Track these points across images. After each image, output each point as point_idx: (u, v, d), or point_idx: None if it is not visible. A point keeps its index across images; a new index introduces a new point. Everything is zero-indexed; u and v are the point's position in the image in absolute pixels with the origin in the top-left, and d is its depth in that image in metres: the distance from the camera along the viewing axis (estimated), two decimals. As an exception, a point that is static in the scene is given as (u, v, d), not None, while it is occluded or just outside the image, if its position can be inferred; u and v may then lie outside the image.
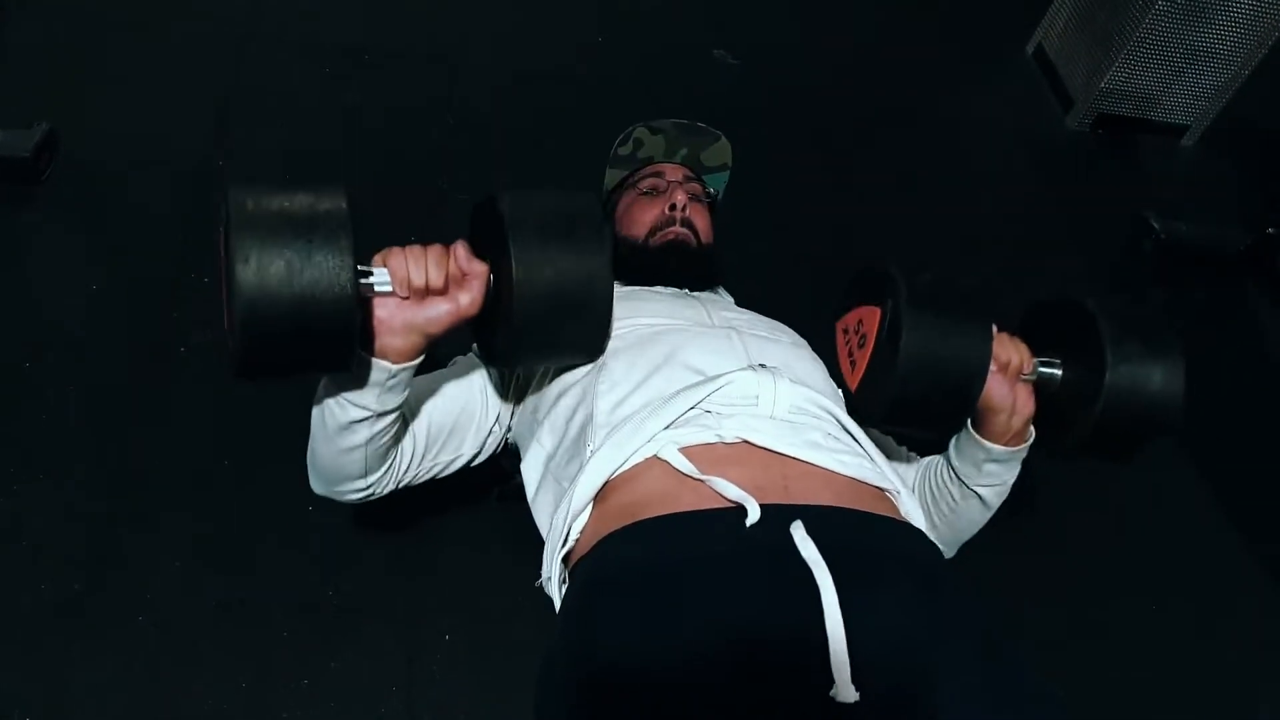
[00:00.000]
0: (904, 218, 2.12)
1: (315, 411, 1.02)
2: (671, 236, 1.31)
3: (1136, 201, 2.35)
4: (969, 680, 0.72)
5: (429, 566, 1.46)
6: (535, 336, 0.99)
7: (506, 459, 1.46)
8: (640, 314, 1.13)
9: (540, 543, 1.07)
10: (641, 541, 0.84)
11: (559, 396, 1.08)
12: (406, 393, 1.01)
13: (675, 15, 2.57)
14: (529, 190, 1.00)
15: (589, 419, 1.00)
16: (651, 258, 1.27)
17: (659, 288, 1.28)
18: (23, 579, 1.35)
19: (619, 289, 1.20)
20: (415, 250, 0.94)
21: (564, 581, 0.96)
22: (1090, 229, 2.30)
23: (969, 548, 1.28)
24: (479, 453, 1.17)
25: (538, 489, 1.06)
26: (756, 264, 1.81)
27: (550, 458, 1.05)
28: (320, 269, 0.83)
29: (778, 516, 0.81)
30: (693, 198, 1.37)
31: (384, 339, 0.94)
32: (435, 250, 0.95)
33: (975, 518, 1.20)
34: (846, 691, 0.69)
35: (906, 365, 0.99)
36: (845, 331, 1.15)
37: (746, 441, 0.93)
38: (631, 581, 0.81)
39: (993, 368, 1.04)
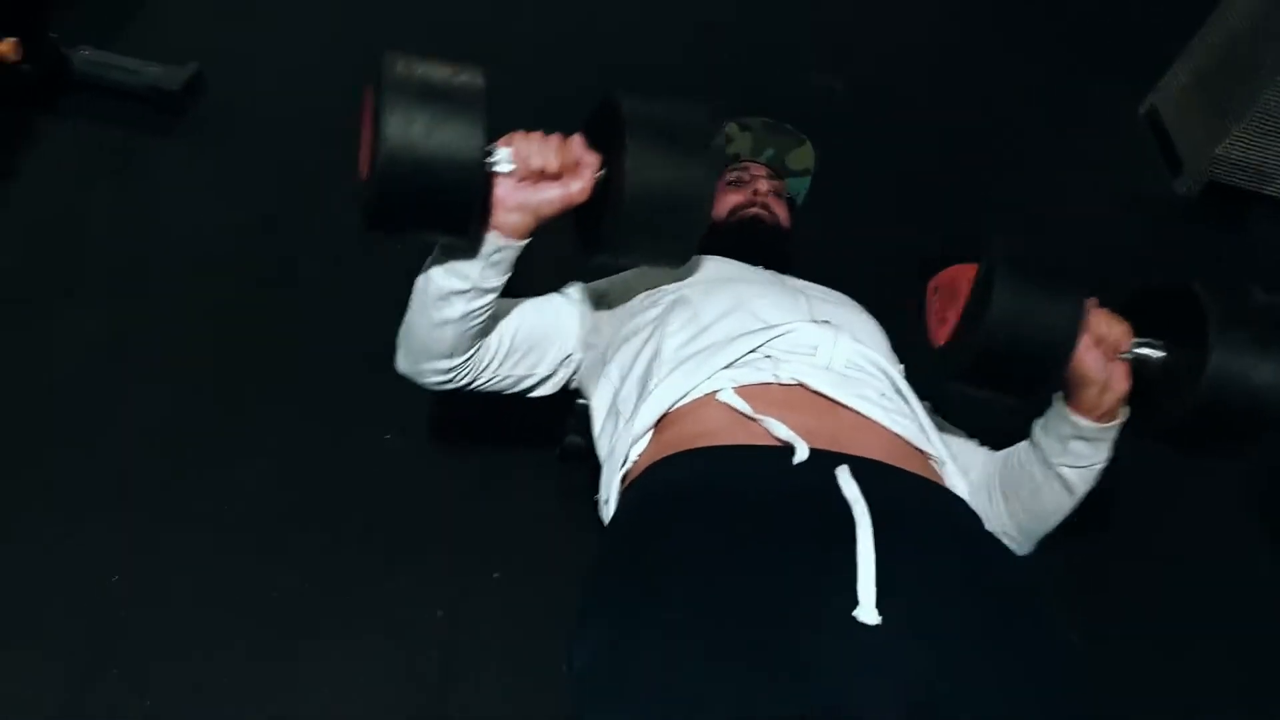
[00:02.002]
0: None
1: (419, 281, 1.10)
2: (751, 214, 1.39)
3: (1241, 273, 2.31)
4: (989, 632, 0.74)
5: (486, 511, 1.53)
6: (637, 229, 1.04)
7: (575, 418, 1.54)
8: (715, 269, 1.19)
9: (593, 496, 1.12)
10: (690, 466, 0.89)
11: (630, 336, 1.13)
12: (505, 277, 1.09)
13: (775, 35, 2.63)
14: (646, 95, 1.06)
15: (656, 356, 1.06)
16: (730, 232, 1.33)
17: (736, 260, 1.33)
18: (125, 463, 1.48)
19: (696, 256, 1.25)
20: (537, 136, 1.02)
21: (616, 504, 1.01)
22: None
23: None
24: (551, 376, 1.23)
25: (603, 421, 1.11)
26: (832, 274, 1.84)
27: (616, 392, 1.10)
28: (456, 133, 0.92)
29: (825, 460, 0.85)
30: (774, 192, 1.45)
31: (499, 215, 1.02)
32: (554, 138, 1.02)
33: (1058, 503, 1.15)
34: (869, 614, 0.72)
35: (994, 317, 0.98)
36: (937, 290, 1.15)
37: (802, 385, 0.97)
38: (676, 496, 0.86)
39: (1088, 340, 1.03)
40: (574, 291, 1.27)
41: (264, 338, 1.66)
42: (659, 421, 0.98)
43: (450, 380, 1.17)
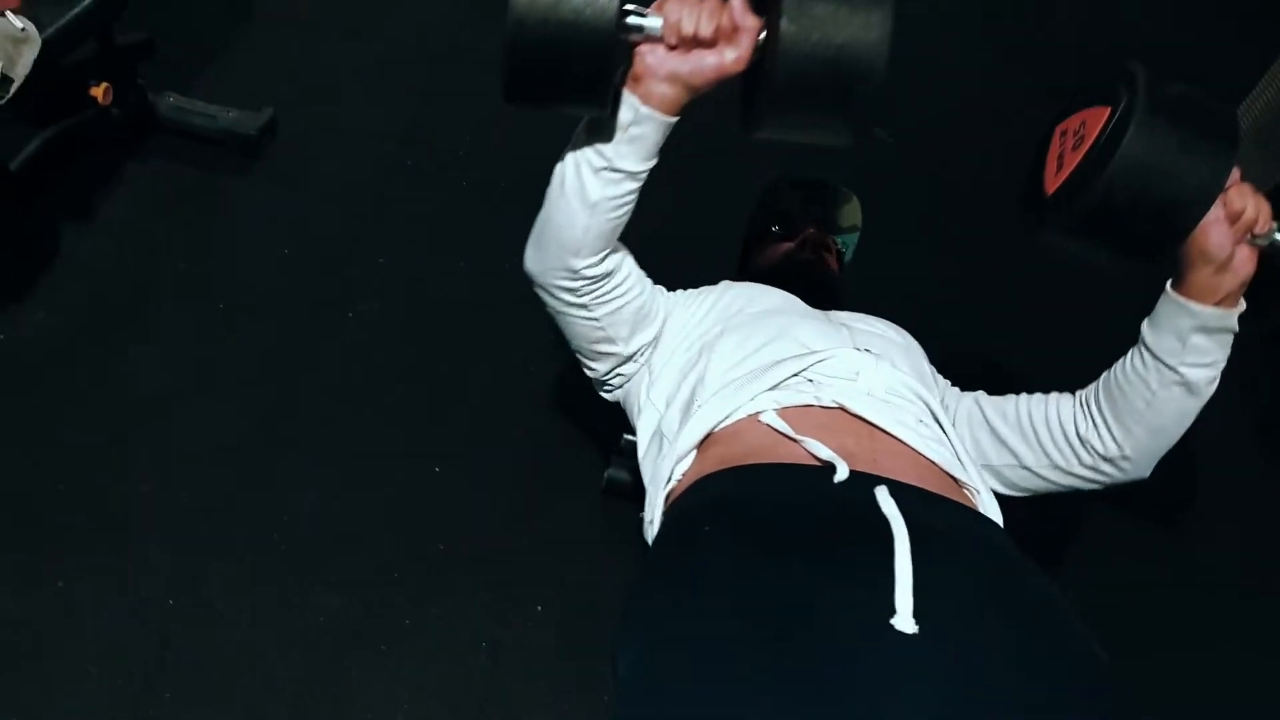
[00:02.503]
0: (1045, 304, 2.10)
1: (556, 169, 1.05)
2: (802, 260, 1.41)
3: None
4: (1021, 645, 0.75)
5: (529, 544, 1.55)
6: (795, 100, 0.93)
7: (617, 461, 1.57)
8: (760, 297, 1.21)
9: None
10: (732, 482, 0.90)
11: (676, 363, 1.15)
12: (648, 164, 1.02)
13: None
14: None
15: (700, 381, 1.07)
16: (780, 277, 1.35)
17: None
18: (185, 474, 1.54)
19: (746, 287, 1.28)
20: None
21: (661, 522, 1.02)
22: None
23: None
24: (625, 357, 1.19)
25: (648, 446, 1.13)
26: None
27: (661, 418, 1.12)
28: None
29: (864, 480, 0.86)
30: (823, 244, 1.47)
31: (647, 84, 0.96)
32: (711, 1, 0.94)
33: (1181, 411, 1.03)
34: (906, 622, 0.72)
35: (1122, 164, 0.88)
36: (1063, 134, 1.02)
37: (843, 408, 0.98)
38: (717, 510, 0.87)
39: (1219, 211, 0.92)
40: (664, 295, 1.24)
41: (324, 370, 1.72)
42: (702, 442, 1.00)
43: (573, 290, 1.10)
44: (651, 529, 1.03)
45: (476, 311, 1.83)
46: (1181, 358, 1.00)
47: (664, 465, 1.02)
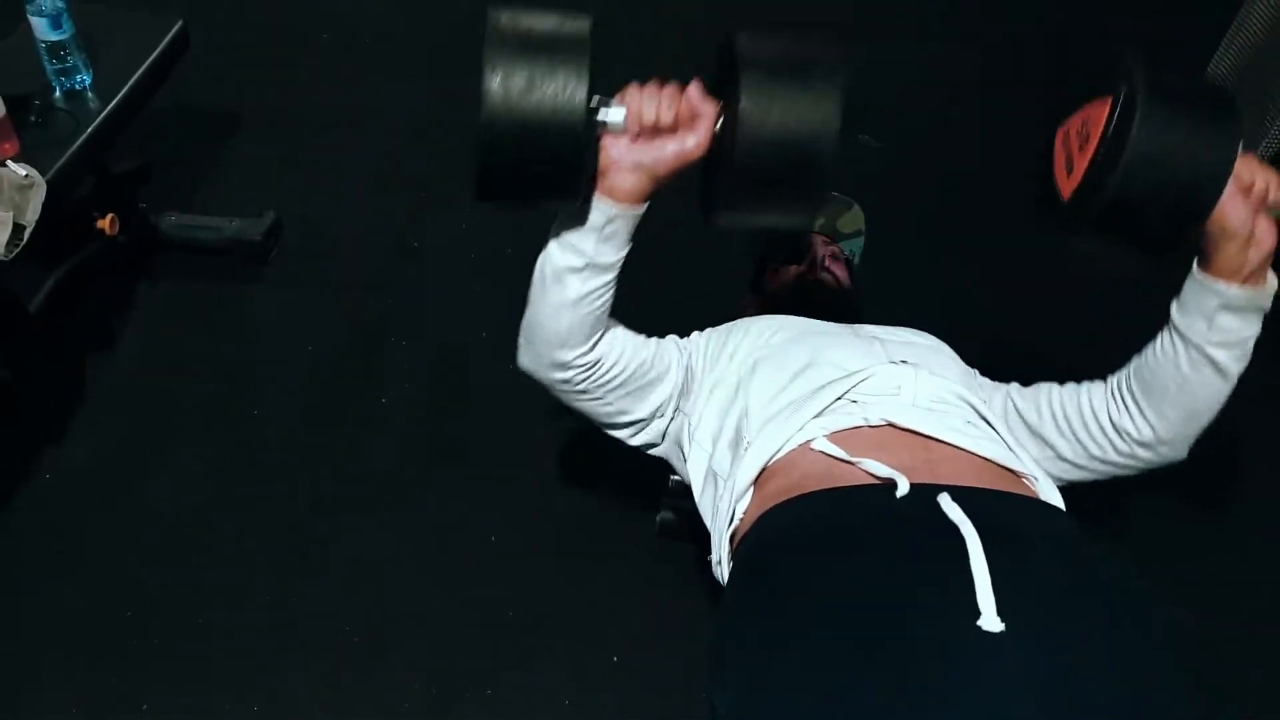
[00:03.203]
0: (1047, 296, 2.09)
1: (538, 262, 1.08)
2: (814, 280, 1.44)
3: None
4: (1107, 627, 0.76)
5: (593, 598, 1.57)
6: (753, 183, 0.96)
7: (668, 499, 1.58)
8: (785, 325, 1.23)
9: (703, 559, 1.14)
10: (798, 511, 0.92)
11: (714, 403, 1.17)
12: (623, 251, 1.06)
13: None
14: (768, 28, 0.97)
15: (744, 416, 1.09)
16: (797, 299, 1.38)
17: None
18: (246, 584, 1.56)
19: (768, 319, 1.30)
20: (651, 87, 0.98)
21: (730, 561, 1.04)
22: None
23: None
24: (643, 423, 1.21)
25: (702, 487, 1.15)
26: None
27: (710, 457, 1.14)
28: (559, 85, 0.88)
29: (926, 491, 0.87)
30: (832, 256, 1.50)
31: (612, 177, 0.99)
32: (670, 88, 0.98)
33: (1212, 392, 1.03)
34: (992, 621, 0.73)
35: (1133, 156, 0.89)
36: (1066, 136, 1.03)
37: (891, 425, 0.99)
38: (789, 539, 0.89)
39: (1232, 187, 0.93)
40: (678, 348, 1.25)
41: (365, 458, 1.75)
42: (759, 477, 1.02)
43: (567, 380, 1.13)
44: (721, 569, 1.04)
45: (505, 378, 1.82)
46: (1208, 337, 1.00)
47: (723, 505, 1.03)
